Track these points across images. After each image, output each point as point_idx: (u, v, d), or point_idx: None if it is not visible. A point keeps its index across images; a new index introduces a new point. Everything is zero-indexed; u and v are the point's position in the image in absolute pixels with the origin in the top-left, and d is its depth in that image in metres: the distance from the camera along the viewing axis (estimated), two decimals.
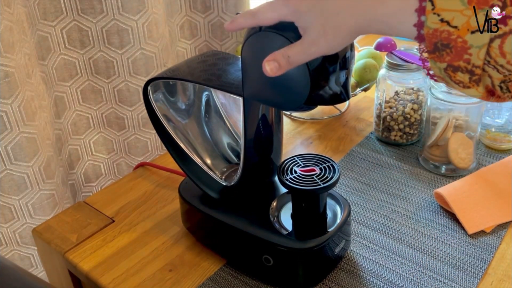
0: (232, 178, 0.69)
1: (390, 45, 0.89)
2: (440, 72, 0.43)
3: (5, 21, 0.73)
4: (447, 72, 0.42)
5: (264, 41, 0.52)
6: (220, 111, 0.72)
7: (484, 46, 0.39)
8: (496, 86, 0.41)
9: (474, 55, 0.39)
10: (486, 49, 0.39)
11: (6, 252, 0.87)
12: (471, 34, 0.39)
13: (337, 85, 0.52)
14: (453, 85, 0.43)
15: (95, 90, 0.95)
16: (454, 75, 0.42)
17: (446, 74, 0.42)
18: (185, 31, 1.05)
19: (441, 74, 0.43)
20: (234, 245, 0.67)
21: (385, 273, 0.66)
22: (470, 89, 0.42)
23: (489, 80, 0.41)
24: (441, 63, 0.42)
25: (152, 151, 1.02)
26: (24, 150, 0.80)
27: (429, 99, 0.82)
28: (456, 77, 0.42)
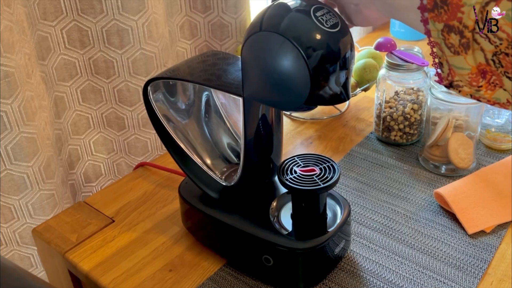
0: (232, 178, 0.69)
1: (390, 45, 0.89)
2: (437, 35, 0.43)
3: (5, 21, 0.73)
4: (443, 34, 0.43)
5: (264, 41, 0.52)
6: (220, 111, 0.72)
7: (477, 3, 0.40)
8: (489, 61, 0.42)
9: (466, 13, 0.40)
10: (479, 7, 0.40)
11: (6, 252, 0.87)
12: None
13: (337, 85, 0.52)
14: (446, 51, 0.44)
15: (95, 90, 0.95)
16: (448, 36, 0.43)
17: (441, 37, 0.43)
18: (185, 31, 1.05)
19: (438, 39, 0.44)
20: (234, 245, 0.67)
21: (385, 273, 0.66)
22: (459, 56, 0.43)
23: (481, 54, 0.42)
24: (439, 23, 0.42)
25: (152, 151, 1.02)
26: (24, 150, 0.80)
27: (429, 99, 0.82)
28: (449, 39, 0.43)
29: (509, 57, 0.40)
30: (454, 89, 0.47)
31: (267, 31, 0.51)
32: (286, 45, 0.50)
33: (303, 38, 0.50)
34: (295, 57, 0.50)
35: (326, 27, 0.50)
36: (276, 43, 0.50)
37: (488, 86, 0.44)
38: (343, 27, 0.52)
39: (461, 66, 0.44)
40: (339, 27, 0.51)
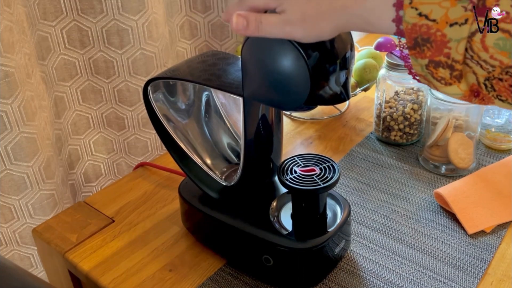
0: (232, 178, 0.69)
1: (390, 45, 0.89)
2: (422, 69, 0.42)
3: (5, 21, 0.73)
4: (429, 69, 0.41)
5: (264, 41, 0.52)
6: (220, 111, 0.72)
7: (463, 39, 0.38)
8: (481, 84, 0.41)
9: (453, 49, 0.38)
10: (465, 42, 0.38)
11: (6, 252, 0.87)
12: (449, 27, 0.38)
13: (337, 85, 0.52)
14: (435, 83, 0.42)
15: (95, 90, 0.95)
16: (435, 71, 0.41)
17: (428, 71, 0.41)
18: (185, 31, 1.05)
19: (423, 72, 0.42)
20: (234, 245, 0.67)
21: (385, 273, 0.66)
22: (451, 86, 0.41)
23: (473, 77, 0.41)
24: (422, 59, 0.41)
25: (152, 151, 1.02)
26: (24, 150, 0.80)
27: (429, 99, 0.82)
28: (438, 73, 0.41)
29: (503, 82, 0.39)
30: None
31: None
32: (286, 45, 0.49)
33: None
34: (295, 57, 0.50)
35: None
36: (276, 43, 0.50)
37: (481, 102, 0.43)
38: None
39: (454, 93, 0.42)
40: None
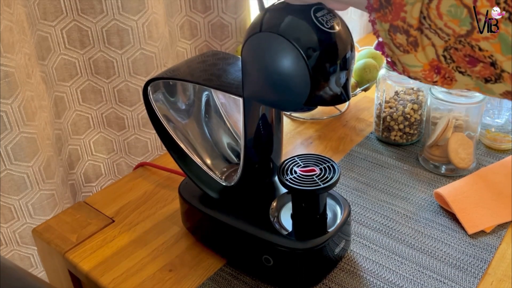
0: (232, 178, 0.69)
1: None
2: (385, 35, 0.43)
3: (5, 21, 0.73)
4: (390, 35, 0.43)
5: (264, 42, 0.52)
6: (220, 111, 0.72)
7: (418, 2, 0.39)
8: (441, 57, 0.41)
9: (408, 12, 0.40)
10: (419, 6, 0.39)
11: (6, 252, 0.87)
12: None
13: (337, 85, 0.52)
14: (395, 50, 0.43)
15: (95, 90, 0.95)
16: (394, 37, 0.43)
17: (389, 37, 0.43)
18: (185, 31, 1.05)
19: (386, 39, 0.43)
20: (234, 245, 0.67)
21: (385, 273, 0.66)
22: (409, 54, 0.43)
23: (433, 50, 0.42)
24: (385, 23, 0.42)
25: (152, 151, 1.02)
26: (24, 150, 0.80)
27: (429, 99, 0.82)
28: (396, 39, 0.42)
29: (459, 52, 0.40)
30: None
31: (267, 32, 0.51)
32: (286, 45, 0.49)
33: (303, 39, 0.50)
34: (295, 58, 0.50)
35: (326, 27, 0.50)
36: (276, 44, 0.50)
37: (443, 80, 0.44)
38: (343, 28, 0.52)
39: (413, 64, 0.43)
40: (339, 28, 0.51)
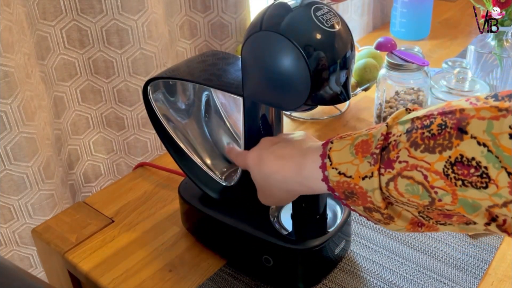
0: (232, 178, 0.69)
1: (390, 45, 0.89)
2: (363, 213, 0.47)
3: (5, 21, 0.73)
4: (366, 213, 0.46)
5: (264, 41, 0.51)
6: (220, 111, 0.72)
7: (376, 189, 0.43)
8: (418, 217, 0.45)
9: (373, 198, 0.44)
10: (379, 192, 0.43)
11: (5, 252, 0.87)
12: (362, 180, 0.44)
13: (337, 85, 0.52)
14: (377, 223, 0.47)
15: (94, 90, 0.94)
16: (371, 215, 0.46)
17: (367, 214, 0.47)
18: (185, 31, 1.05)
19: (365, 214, 0.47)
20: (234, 245, 0.67)
21: (385, 274, 0.66)
22: (389, 225, 0.46)
23: (409, 213, 0.45)
24: (357, 206, 0.46)
25: (152, 151, 1.02)
26: (24, 150, 0.80)
27: (430, 99, 0.82)
28: (374, 216, 0.46)
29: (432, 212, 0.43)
30: None
31: (267, 31, 0.51)
32: (286, 44, 0.49)
33: (303, 38, 0.49)
34: (295, 57, 0.50)
35: (326, 26, 0.50)
36: (276, 43, 0.50)
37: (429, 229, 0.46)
38: (344, 27, 0.52)
39: (397, 229, 0.47)
40: (340, 27, 0.51)
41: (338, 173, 0.46)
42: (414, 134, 0.41)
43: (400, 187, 0.42)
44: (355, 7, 1.38)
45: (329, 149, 0.47)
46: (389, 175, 0.42)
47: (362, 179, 0.44)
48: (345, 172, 0.45)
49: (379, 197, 0.43)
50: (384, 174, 0.42)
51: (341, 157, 0.46)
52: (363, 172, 0.44)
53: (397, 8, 1.33)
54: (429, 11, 1.35)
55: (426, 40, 1.36)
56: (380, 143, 0.43)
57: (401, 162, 0.41)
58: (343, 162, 0.46)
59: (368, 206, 0.45)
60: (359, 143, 0.45)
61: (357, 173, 0.44)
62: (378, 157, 0.43)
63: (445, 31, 1.40)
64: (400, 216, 0.45)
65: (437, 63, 1.17)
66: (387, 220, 0.46)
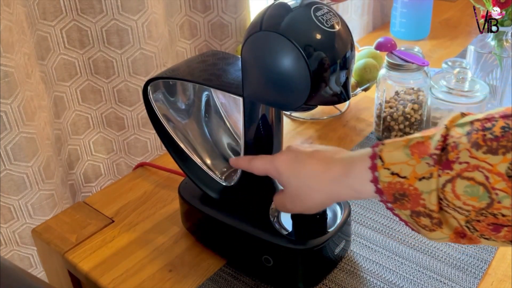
0: (232, 178, 0.69)
1: (390, 45, 0.89)
2: (408, 218, 0.46)
3: (5, 21, 0.73)
4: (413, 218, 0.45)
5: (264, 41, 0.52)
6: (220, 111, 0.72)
7: (433, 191, 0.42)
8: (464, 227, 0.44)
9: (427, 200, 0.43)
10: (436, 194, 0.42)
11: (5, 252, 0.87)
12: (419, 181, 0.43)
13: (337, 85, 0.52)
14: (421, 230, 0.46)
15: (94, 90, 0.95)
16: (418, 220, 0.45)
17: (413, 220, 0.46)
18: (185, 31, 1.05)
19: (410, 220, 0.46)
20: (234, 245, 0.67)
21: (385, 274, 0.66)
22: (435, 231, 0.45)
23: (455, 221, 0.44)
24: (405, 210, 0.45)
25: (152, 151, 1.02)
26: (24, 150, 0.80)
27: (430, 99, 0.82)
28: (420, 221, 0.45)
29: (481, 223, 0.42)
30: None
31: (267, 31, 0.51)
32: (286, 45, 0.49)
33: (303, 38, 0.49)
34: (295, 57, 0.50)
35: (326, 26, 0.50)
36: (276, 43, 0.50)
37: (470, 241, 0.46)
38: (343, 27, 0.52)
39: (439, 237, 0.46)
40: (339, 27, 0.51)
41: (391, 174, 0.44)
42: (475, 136, 0.40)
43: (458, 189, 0.41)
44: (355, 7, 1.38)
45: (380, 150, 0.46)
46: (447, 176, 0.41)
47: (418, 180, 0.43)
48: (399, 172, 0.44)
49: (435, 199, 0.42)
50: (442, 175, 0.42)
51: (394, 157, 0.45)
52: (421, 173, 0.43)
53: (397, 8, 1.33)
54: (429, 11, 1.35)
55: (426, 40, 1.36)
56: (440, 144, 0.42)
57: (461, 163, 0.40)
58: (396, 162, 0.44)
59: (417, 210, 0.44)
60: (415, 144, 0.44)
61: (413, 174, 0.43)
62: (438, 158, 0.42)
63: (445, 31, 1.40)
64: (447, 223, 0.44)
65: (437, 63, 1.17)
66: (435, 226, 0.44)
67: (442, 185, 0.42)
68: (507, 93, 0.94)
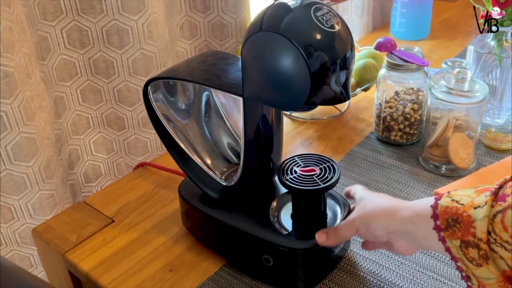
0: (232, 178, 0.69)
1: (390, 45, 0.89)
2: (457, 251, 0.48)
3: (5, 21, 0.73)
4: (462, 250, 0.47)
5: (264, 41, 0.52)
6: (220, 111, 0.72)
7: (485, 217, 0.45)
8: None
9: (477, 228, 0.45)
10: (487, 221, 0.45)
11: (6, 252, 0.87)
12: (474, 209, 0.46)
13: (337, 85, 0.52)
14: (469, 265, 0.47)
15: (95, 90, 0.95)
16: (467, 251, 0.47)
17: (462, 253, 0.47)
18: (185, 31, 1.05)
19: (459, 254, 0.48)
20: (234, 245, 0.67)
21: (385, 273, 0.66)
22: (482, 267, 0.46)
23: (502, 262, 0.45)
24: (455, 240, 0.47)
25: (152, 151, 1.02)
26: (24, 150, 0.80)
27: (429, 99, 0.82)
28: (469, 253, 0.47)
29: None
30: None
31: (267, 31, 0.51)
32: (286, 45, 0.49)
33: (303, 38, 0.50)
34: (295, 57, 0.50)
35: (326, 27, 0.50)
36: (276, 43, 0.50)
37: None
38: (343, 27, 0.52)
39: (487, 277, 0.46)
40: (339, 27, 0.51)
41: (451, 200, 0.48)
42: None
43: (507, 220, 0.43)
44: (355, 7, 1.38)
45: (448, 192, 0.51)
46: (500, 207, 0.44)
47: (474, 208, 0.46)
48: (459, 200, 0.48)
49: (485, 226, 0.45)
50: (495, 206, 0.45)
51: (459, 192, 0.49)
52: (477, 203, 0.46)
53: (397, 8, 1.33)
54: (429, 11, 1.35)
55: (426, 40, 1.36)
56: (501, 183, 0.47)
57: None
58: (460, 194, 0.49)
59: (467, 239, 0.46)
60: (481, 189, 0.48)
61: (470, 203, 0.46)
62: (495, 191, 0.46)
63: (445, 31, 1.40)
64: (494, 261, 0.45)
65: (436, 63, 1.17)
66: (481, 260, 0.46)
67: (493, 215, 0.44)
68: (507, 93, 0.94)
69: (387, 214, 0.54)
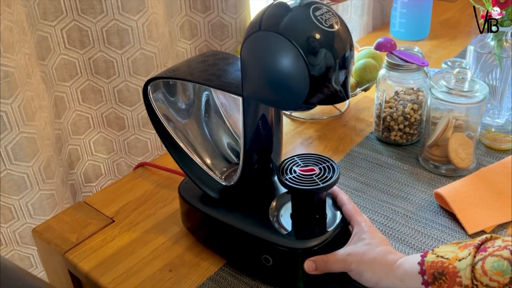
0: (232, 178, 0.69)
1: (390, 45, 0.89)
2: None
3: (5, 21, 0.73)
4: None
5: (264, 41, 0.52)
6: (220, 111, 0.72)
7: (469, 266, 0.49)
8: None
9: (463, 276, 0.49)
10: (470, 268, 0.49)
11: (6, 252, 0.87)
12: (458, 261, 0.50)
13: (336, 84, 0.52)
14: None
15: (95, 90, 0.95)
16: None
17: None
18: (185, 31, 1.05)
19: None
20: (234, 245, 0.67)
21: None
22: None
23: None
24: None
25: (152, 151, 1.02)
26: (24, 150, 0.80)
27: (429, 99, 0.82)
28: None
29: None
30: None
31: (266, 31, 0.51)
32: (285, 44, 0.50)
33: (302, 38, 0.50)
34: (294, 57, 0.50)
35: (325, 26, 0.50)
36: (275, 43, 0.50)
37: None
38: (343, 27, 0.52)
39: None
40: (338, 27, 0.51)
41: (436, 256, 0.53)
42: None
43: (487, 265, 0.48)
44: (355, 7, 1.38)
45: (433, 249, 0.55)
46: (481, 256, 0.49)
47: (458, 260, 0.50)
48: (443, 255, 0.52)
49: (469, 273, 0.49)
50: (476, 255, 0.50)
51: (443, 248, 0.54)
52: (461, 256, 0.51)
53: (396, 8, 1.33)
54: (428, 11, 1.35)
55: (426, 40, 1.36)
56: (482, 240, 0.52)
57: (494, 246, 0.49)
58: (444, 250, 0.53)
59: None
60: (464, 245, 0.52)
61: (455, 257, 0.51)
62: (478, 245, 0.51)
63: (445, 31, 1.41)
64: None
65: (436, 63, 1.17)
66: None
67: (475, 263, 0.49)
68: (507, 93, 0.94)
69: (382, 268, 0.57)
